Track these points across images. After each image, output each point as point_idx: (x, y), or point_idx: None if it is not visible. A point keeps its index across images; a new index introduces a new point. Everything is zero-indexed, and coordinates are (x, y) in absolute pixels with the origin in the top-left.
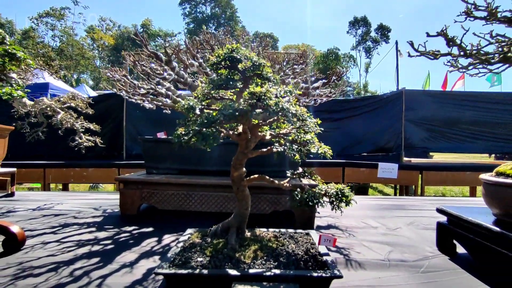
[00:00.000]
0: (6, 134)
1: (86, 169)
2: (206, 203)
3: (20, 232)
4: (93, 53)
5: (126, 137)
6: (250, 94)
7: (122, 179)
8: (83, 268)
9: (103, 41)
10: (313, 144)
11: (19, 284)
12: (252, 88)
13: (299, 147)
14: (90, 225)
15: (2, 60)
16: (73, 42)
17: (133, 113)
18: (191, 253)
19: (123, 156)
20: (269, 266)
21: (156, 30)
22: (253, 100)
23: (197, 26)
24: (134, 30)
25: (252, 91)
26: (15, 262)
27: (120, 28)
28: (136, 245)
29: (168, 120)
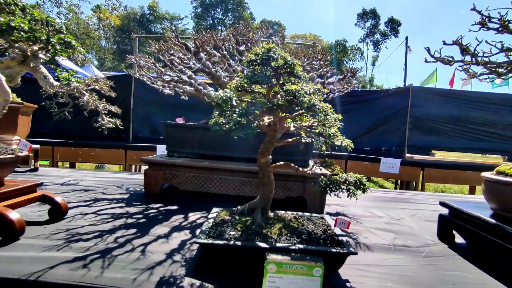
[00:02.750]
0: (30, 112)
1: (94, 149)
2: (224, 186)
3: (63, 202)
4: (98, 33)
5: (133, 119)
6: (287, 92)
7: (147, 160)
8: (124, 236)
9: (109, 21)
10: (337, 137)
11: (73, 246)
12: (288, 86)
13: (324, 140)
14: (119, 201)
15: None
16: (78, 21)
17: (141, 95)
18: (223, 227)
19: (129, 138)
20: (293, 242)
21: (162, 12)
22: (290, 97)
23: (204, 10)
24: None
25: (289, 89)
26: (63, 228)
27: (126, 9)
28: (165, 220)
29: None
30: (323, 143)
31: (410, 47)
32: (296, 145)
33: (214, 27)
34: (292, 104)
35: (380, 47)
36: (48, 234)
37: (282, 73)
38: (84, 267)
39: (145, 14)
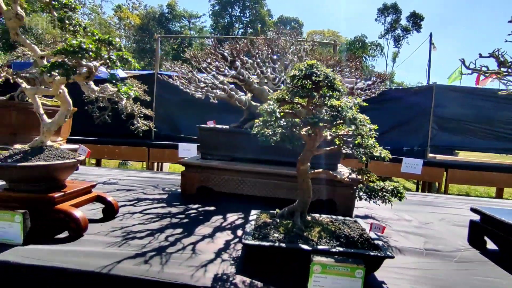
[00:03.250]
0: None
1: (119, 146)
2: (257, 188)
3: (115, 202)
4: (119, 32)
5: (155, 117)
6: (331, 107)
7: (183, 162)
8: (173, 236)
9: (129, 20)
10: (375, 148)
11: (131, 243)
12: (333, 101)
13: (364, 151)
14: (160, 201)
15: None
16: (100, 21)
17: (162, 94)
18: (267, 230)
19: (151, 136)
20: (333, 245)
21: (181, 11)
22: (334, 112)
23: (222, 8)
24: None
25: (333, 105)
26: (118, 227)
27: (146, 8)
28: (206, 220)
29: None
30: (363, 154)
31: (435, 44)
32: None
33: (232, 24)
34: (336, 119)
35: (401, 42)
36: (107, 232)
37: (322, 86)
38: (146, 263)
39: (164, 13)
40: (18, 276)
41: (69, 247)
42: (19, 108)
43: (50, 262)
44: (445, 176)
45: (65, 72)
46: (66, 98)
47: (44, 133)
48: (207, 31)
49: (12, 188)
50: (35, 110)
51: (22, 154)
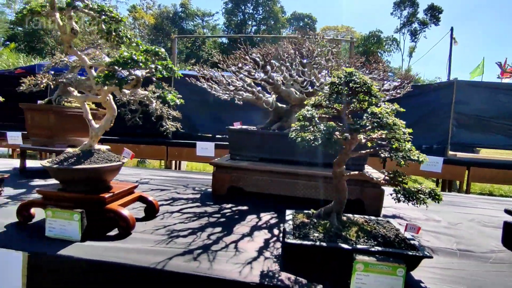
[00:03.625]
0: (102, 116)
1: (138, 145)
2: (285, 188)
3: (156, 202)
4: (134, 32)
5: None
6: (372, 114)
7: (214, 163)
8: (214, 234)
9: (143, 20)
10: (412, 152)
11: (177, 241)
12: (374, 108)
13: (402, 155)
14: (194, 201)
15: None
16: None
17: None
18: (306, 229)
19: (169, 135)
20: (371, 244)
21: (194, 10)
22: (376, 119)
23: (235, 5)
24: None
25: (375, 112)
26: (161, 225)
27: (160, 8)
28: (242, 220)
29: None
30: (401, 158)
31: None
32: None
33: (245, 22)
34: (377, 125)
35: (418, 37)
36: (152, 230)
37: (359, 92)
38: (195, 260)
39: (178, 12)
40: (81, 269)
41: (120, 244)
42: (57, 112)
43: (107, 257)
44: (467, 175)
45: (118, 82)
46: (112, 105)
47: (93, 137)
48: (220, 29)
49: (65, 189)
50: (84, 116)
51: (76, 157)
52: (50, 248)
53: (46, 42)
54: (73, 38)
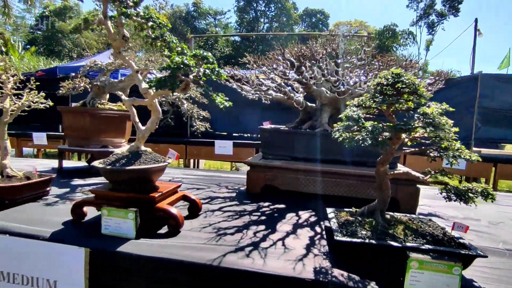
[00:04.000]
0: (128, 117)
1: (158, 144)
2: (319, 186)
3: (198, 200)
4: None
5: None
6: (424, 115)
7: (249, 162)
8: (259, 232)
9: None
10: (462, 151)
11: (226, 238)
12: (425, 109)
13: (453, 154)
14: (231, 199)
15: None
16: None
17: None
18: (352, 227)
19: (187, 134)
20: (421, 242)
21: (206, 8)
22: (428, 119)
23: (246, 3)
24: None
25: (426, 112)
26: (206, 223)
27: (172, 7)
28: (282, 218)
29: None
30: (452, 157)
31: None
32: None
33: (257, 20)
34: (429, 126)
35: (435, 29)
36: (199, 228)
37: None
38: (248, 257)
39: (190, 11)
40: (137, 265)
41: (173, 242)
42: (92, 114)
43: (162, 254)
44: (494, 172)
45: (171, 86)
46: (157, 107)
47: (139, 139)
48: (232, 27)
49: (115, 188)
50: (132, 119)
51: (126, 158)
52: (108, 245)
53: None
54: (123, 44)
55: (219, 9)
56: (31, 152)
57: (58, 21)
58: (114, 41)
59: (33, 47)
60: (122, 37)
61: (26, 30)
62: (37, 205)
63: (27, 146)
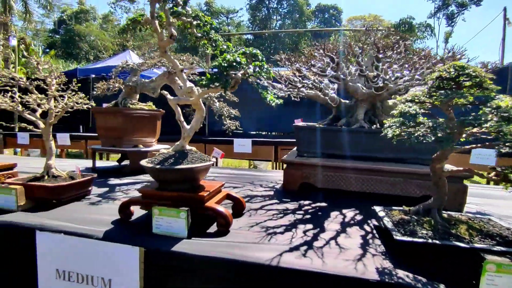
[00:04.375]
0: (159, 117)
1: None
2: (359, 184)
3: (242, 199)
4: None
5: (209, 113)
6: (497, 108)
7: (287, 161)
8: (308, 231)
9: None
10: None
11: (277, 238)
12: (498, 102)
13: None
14: (270, 197)
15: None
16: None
17: None
18: (410, 226)
19: (205, 132)
20: (490, 243)
21: (218, 7)
22: (504, 114)
23: (259, 1)
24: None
25: (499, 105)
26: (253, 222)
27: None
28: (327, 216)
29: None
30: None
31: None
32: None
33: (269, 17)
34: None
35: (455, 20)
36: (246, 227)
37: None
38: (305, 256)
39: (202, 10)
40: (192, 264)
41: (224, 241)
42: (125, 114)
43: (215, 253)
44: None
45: (223, 84)
46: (202, 106)
47: (185, 138)
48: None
49: (162, 188)
50: (177, 118)
51: (173, 158)
52: (161, 244)
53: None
54: (171, 43)
55: (231, 7)
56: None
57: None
58: (161, 41)
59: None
60: (170, 36)
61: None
62: (82, 204)
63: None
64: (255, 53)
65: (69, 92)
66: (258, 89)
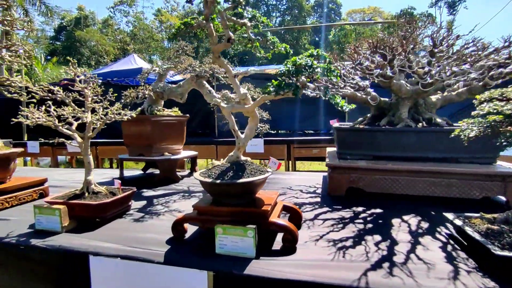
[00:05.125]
0: (185, 123)
1: (188, 145)
2: (411, 187)
3: (299, 210)
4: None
5: (218, 115)
6: None
7: (331, 164)
8: (379, 243)
9: (169, 23)
10: None
11: (350, 253)
12: None
13: None
14: (319, 205)
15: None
16: (143, 26)
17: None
18: (505, 238)
19: (215, 134)
20: None
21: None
22: None
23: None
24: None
25: None
26: (315, 235)
27: (184, 8)
28: (390, 224)
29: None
30: None
31: None
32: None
33: (269, 14)
34: None
35: (456, 8)
36: (311, 241)
37: None
38: (392, 275)
39: (202, 11)
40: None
41: (295, 259)
42: (153, 121)
43: (291, 275)
44: None
45: (294, 91)
46: (256, 114)
47: (240, 148)
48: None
49: (218, 202)
50: (231, 127)
51: (231, 170)
52: (228, 265)
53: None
54: (227, 47)
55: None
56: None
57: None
58: (214, 45)
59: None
60: (227, 40)
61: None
62: (126, 221)
63: (62, 154)
64: (322, 55)
65: (106, 102)
66: (325, 94)
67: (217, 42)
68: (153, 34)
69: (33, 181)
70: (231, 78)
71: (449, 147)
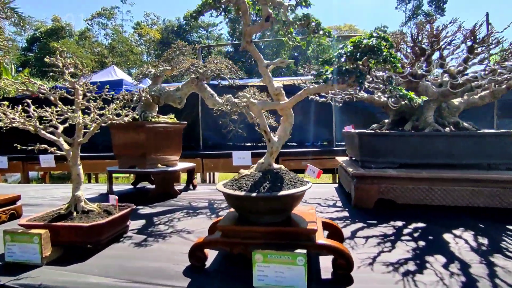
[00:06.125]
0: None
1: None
2: (449, 197)
3: (338, 226)
4: (140, 48)
5: (203, 127)
6: None
7: (357, 174)
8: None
9: (149, 36)
10: None
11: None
12: None
13: None
14: (350, 220)
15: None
16: (122, 39)
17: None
18: None
19: (200, 147)
20: None
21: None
22: None
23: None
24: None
25: None
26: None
27: (164, 22)
28: (442, 241)
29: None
30: None
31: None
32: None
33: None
34: None
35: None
36: (364, 266)
37: None
38: None
39: (182, 25)
40: None
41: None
42: (148, 129)
43: None
44: None
45: (359, 78)
46: (291, 112)
47: (272, 153)
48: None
49: (248, 220)
50: (261, 128)
51: (267, 181)
52: None
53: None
54: (267, 27)
55: (211, 21)
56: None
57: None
58: (247, 26)
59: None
60: (266, 18)
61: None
62: (125, 247)
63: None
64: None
65: (100, 102)
66: (393, 88)
67: (248, 23)
68: (132, 47)
69: (2, 199)
70: (262, 68)
71: (481, 153)
